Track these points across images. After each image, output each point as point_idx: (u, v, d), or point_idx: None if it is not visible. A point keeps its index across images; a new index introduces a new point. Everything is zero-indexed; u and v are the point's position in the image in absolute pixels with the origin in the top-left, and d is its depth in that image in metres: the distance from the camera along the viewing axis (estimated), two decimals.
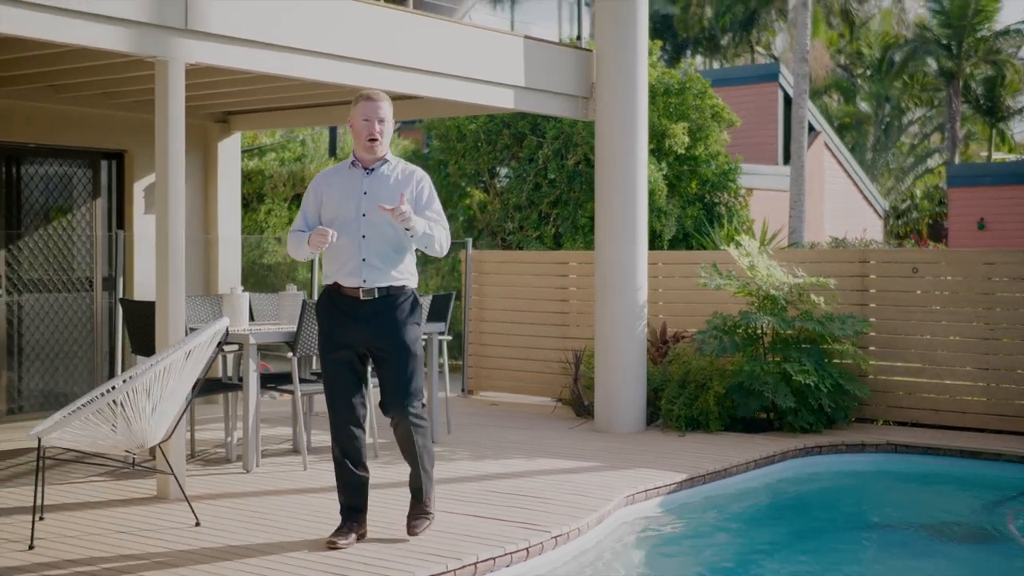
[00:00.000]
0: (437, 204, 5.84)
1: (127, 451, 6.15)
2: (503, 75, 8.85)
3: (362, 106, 5.73)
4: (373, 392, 6.59)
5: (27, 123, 9.89)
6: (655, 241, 13.03)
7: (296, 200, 16.76)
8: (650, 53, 13.93)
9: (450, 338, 9.88)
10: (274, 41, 7.34)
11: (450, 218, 14.85)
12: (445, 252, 5.81)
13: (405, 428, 5.81)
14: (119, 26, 6.57)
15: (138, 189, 10.65)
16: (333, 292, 5.77)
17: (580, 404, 10.08)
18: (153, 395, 5.85)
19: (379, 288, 5.68)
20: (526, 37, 9.04)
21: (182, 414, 6.29)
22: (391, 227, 5.62)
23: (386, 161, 5.79)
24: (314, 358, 8.39)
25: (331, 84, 8.10)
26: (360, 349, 5.76)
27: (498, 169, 14.60)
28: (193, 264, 10.87)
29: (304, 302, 7.64)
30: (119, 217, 10.68)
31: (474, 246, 13.65)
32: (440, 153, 14.83)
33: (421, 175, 5.84)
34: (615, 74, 9.23)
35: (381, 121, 5.71)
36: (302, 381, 7.97)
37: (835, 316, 9.20)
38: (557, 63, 9.30)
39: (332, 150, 17.08)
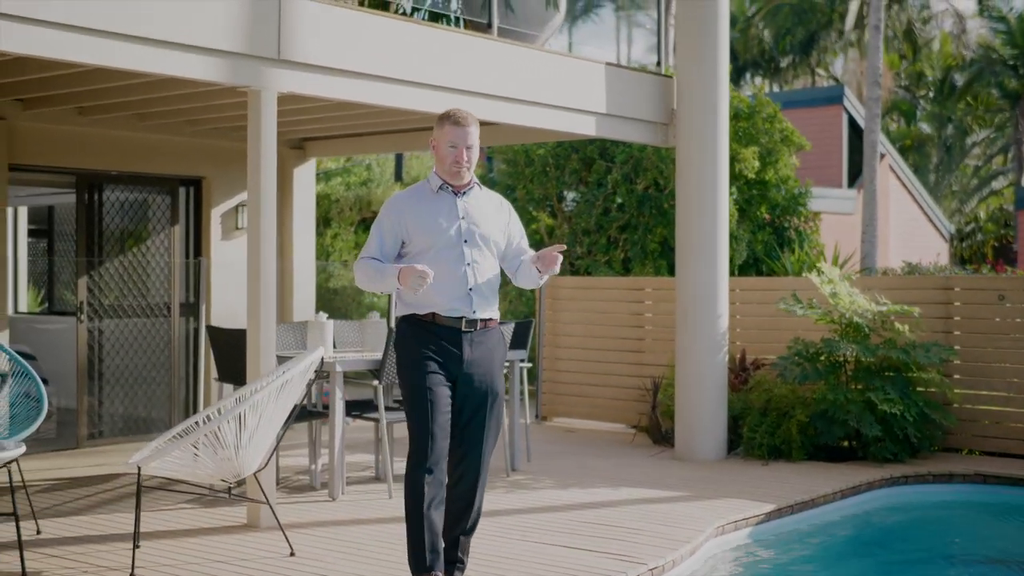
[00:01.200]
0: (524, 237, 5.53)
1: (223, 480, 6.16)
2: (585, 102, 8.84)
3: (449, 131, 5.25)
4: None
5: (109, 151, 10.01)
6: None
7: (363, 224, 16.82)
8: None
9: (530, 365, 9.84)
10: (363, 70, 7.37)
11: None
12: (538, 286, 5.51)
13: (474, 477, 5.24)
14: (214, 57, 6.63)
15: (215, 215, 10.74)
16: (426, 322, 5.19)
17: (658, 431, 10.01)
18: (250, 424, 5.86)
19: (481, 319, 5.23)
20: (607, 64, 9.02)
21: (277, 443, 6.30)
22: (492, 254, 5.29)
23: (474, 185, 5.39)
24: (394, 386, 8.39)
25: (415, 112, 8.12)
26: (454, 378, 5.19)
27: (565, 193, 14.58)
28: None
29: (390, 330, 7.64)
30: (196, 243, 10.76)
31: None
32: (507, 177, 14.84)
33: (508, 206, 5.51)
34: (696, 101, 9.19)
35: (469, 148, 5.26)
36: (386, 409, 7.96)
37: (919, 344, 9.07)
38: (637, 90, 9.28)
39: (398, 174, 17.15)
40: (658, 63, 9.73)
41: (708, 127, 9.19)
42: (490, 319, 5.28)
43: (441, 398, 5.14)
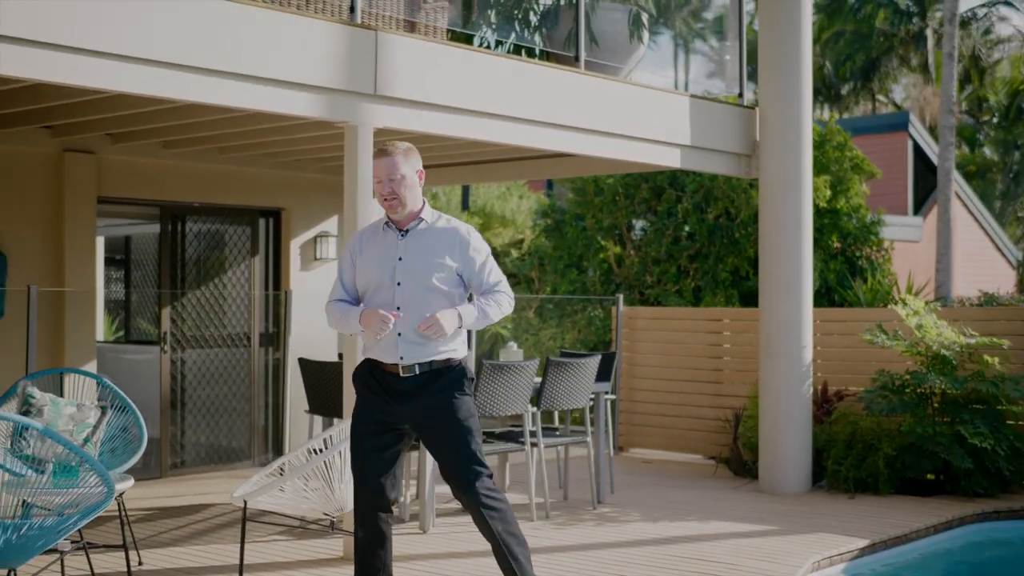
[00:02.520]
0: (492, 264, 5.14)
1: (324, 513, 6.19)
2: (670, 134, 8.85)
3: (375, 164, 5.05)
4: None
5: (192, 183, 10.13)
6: None
7: None
8: None
9: (614, 397, 9.82)
10: (454, 104, 7.43)
11: (584, 272, 14.85)
12: (507, 314, 5.15)
13: (477, 512, 5.07)
14: (314, 93, 6.71)
15: (295, 246, 10.83)
16: (373, 367, 5.12)
17: (739, 463, 9.95)
18: None
19: (420, 364, 5.01)
20: (692, 96, 9.02)
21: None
22: (432, 295, 4.99)
23: (421, 219, 5.09)
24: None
25: (501, 144, 8.16)
26: (402, 426, 5.11)
27: (634, 222, 14.58)
28: None
29: (482, 363, 7.66)
30: (275, 274, 10.86)
31: (612, 300, 13.60)
32: (576, 206, 14.87)
33: (467, 231, 5.13)
34: (779, 132, 9.17)
35: (396, 179, 4.99)
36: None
37: (1008, 376, 8.96)
38: (721, 121, 9.28)
39: (464, 203, 17.21)
40: (740, 94, 9.72)
41: (791, 158, 9.16)
42: (432, 362, 5.02)
43: (372, 449, 5.07)
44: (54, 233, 9.24)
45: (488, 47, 8.85)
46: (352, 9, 6.97)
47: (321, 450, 5.94)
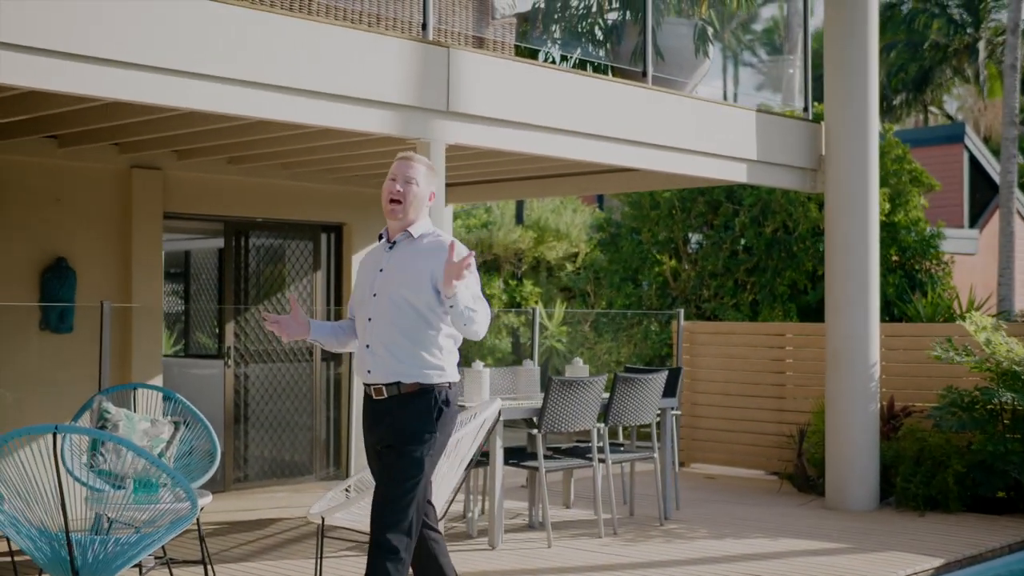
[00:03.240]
0: (476, 284, 4.79)
1: None
2: (736, 149, 8.81)
3: (393, 166, 4.91)
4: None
5: (255, 198, 10.20)
6: None
7: (483, 267, 16.90)
8: None
9: (679, 412, 9.78)
10: (522, 119, 7.43)
11: (639, 286, 14.80)
12: (480, 337, 4.74)
13: (370, 557, 4.63)
14: (388, 110, 6.74)
15: (355, 261, 10.86)
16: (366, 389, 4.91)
17: (804, 479, 9.88)
18: (438, 475, 5.88)
19: (387, 385, 4.70)
20: (758, 110, 8.99)
21: (454, 496, 6.32)
22: (400, 309, 4.67)
23: (408, 234, 4.83)
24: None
25: (573, 160, 8.16)
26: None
27: (690, 236, 14.53)
28: None
29: (551, 379, 7.66)
30: (337, 289, 10.91)
31: (672, 315, 13.55)
32: (632, 220, 14.83)
33: (450, 243, 4.71)
34: (846, 145, 9.11)
35: (408, 181, 4.81)
36: (545, 457, 7.96)
37: None
38: (786, 135, 9.23)
39: (519, 217, 17.22)
40: (804, 108, 9.67)
41: (857, 172, 9.10)
42: (399, 383, 4.68)
43: (373, 469, 4.89)
44: (121, 248, 9.32)
45: (553, 62, 8.86)
46: (424, 26, 7.00)
47: None
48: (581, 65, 8.92)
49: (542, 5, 8.90)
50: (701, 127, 8.59)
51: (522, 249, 16.66)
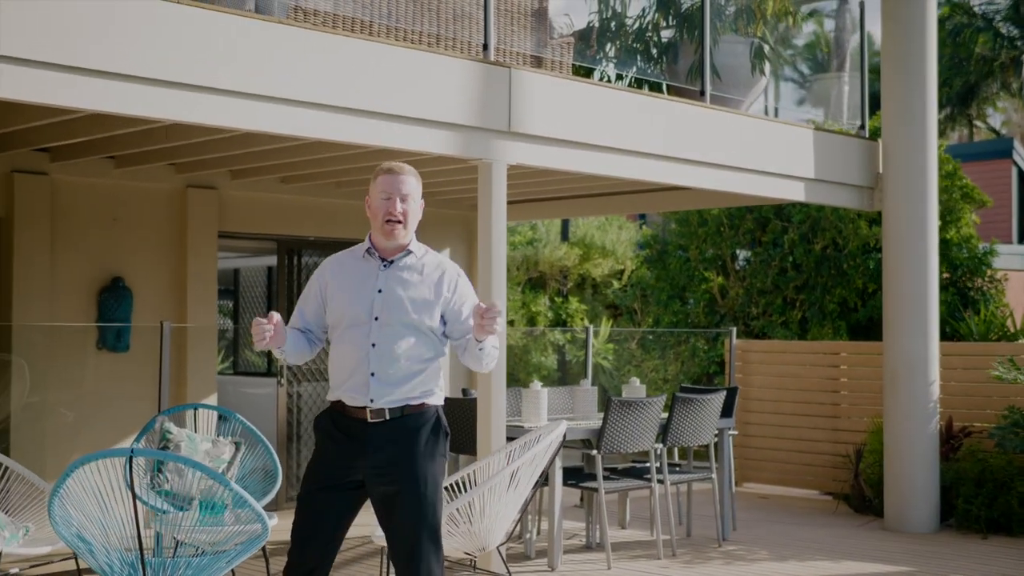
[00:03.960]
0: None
1: (465, 552, 6.16)
2: (793, 167, 8.76)
3: (382, 180, 4.60)
4: None
5: (307, 217, 10.23)
6: None
7: (529, 284, 16.88)
8: None
9: (736, 432, 9.68)
10: (587, 140, 7.41)
11: (686, 303, 14.72)
12: (490, 369, 4.65)
13: None
14: (448, 130, 6.73)
15: None
16: (336, 412, 4.56)
17: (861, 500, 9.77)
18: (500, 498, 5.86)
19: (391, 409, 4.46)
20: (816, 128, 8.93)
21: (520, 516, 6.29)
22: (411, 333, 4.48)
23: (409, 251, 4.60)
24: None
25: (630, 180, 8.13)
26: (360, 487, 4.51)
27: (737, 252, 14.45)
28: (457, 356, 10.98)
29: (610, 399, 7.62)
30: None
31: (724, 332, 13.47)
32: (680, 237, 14.77)
33: (456, 272, 4.64)
34: (904, 163, 9.04)
35: (404, 199, 4.55)
36: (604, 478, 7.92)
37: None
38: (843, 154, 9.17)
39: (564, 234, 17.20)
40: (862, 126, 9.60)
41: (916, 190, 9.02)
42: (404, 407, 4.47)
43: (324, 512, 4.49)
44: (176, 267, 9.37)
45: (608, 80, 8.84)
46: (486, 47, 6.99)
47: (463, 487, 5.92)
48: (636, 83, 8.90)
49: (596, 24, 8.88)
50: (759, 145, 8.54)
51: (567, 266, 16.63)
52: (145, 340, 9.06)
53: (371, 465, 4.44)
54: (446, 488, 6.18)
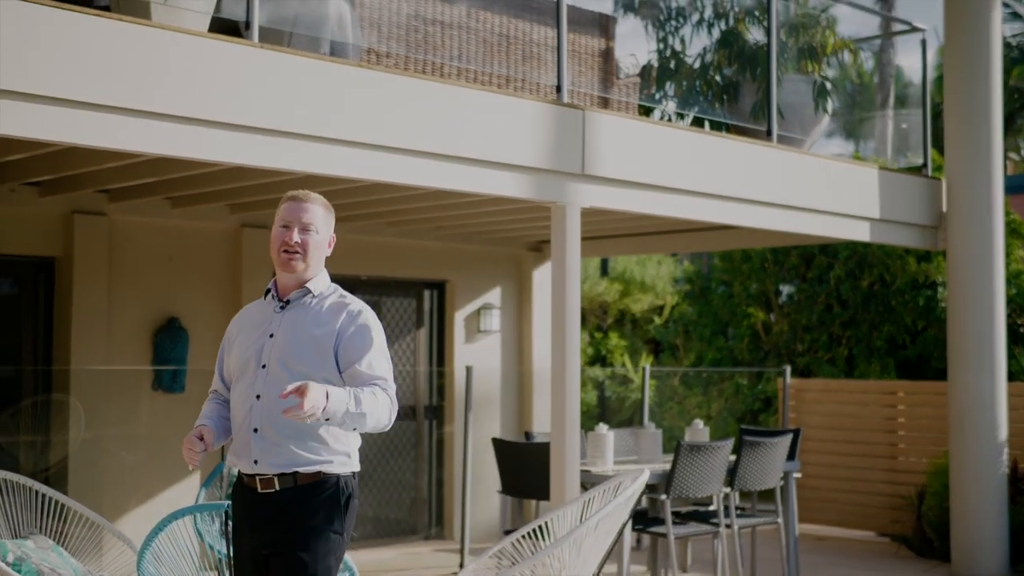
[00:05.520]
0: (377, 358, 3.91)
1: None
2: (858, 207, 8.68)
3: (283, 208, 4.01)
4: None
5: (361, 256, 10.17)
6: None
7: None
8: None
9: (799, 475, 9.57)
10: (659, 182, 7.35)
11: (730, 339, 14.61)
12: (386, 428, 3.87)
13: None
14: (521, 173, 6.68)
15: (459, 318, 10.79)
16: (240, 482, 3.99)
17: (924, 543, 9.62)
18: (584, 549, 5.75)
19: (279, 476, 3.82)
20: (881, 168, 8.85)
21: (599, 570, 6.17)
22: (297, 380, 3.76)
23: (307, 290, 3.98)
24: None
25: (704, 222, 8.06)
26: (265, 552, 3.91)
27: (781, 288, 14.34)
28: (508, 397, 10.91)
29: (679, 443, 7.51)
30: (440, 346, 10.82)
31: (778, 371, 13.34)
32: (724, 273, 14.68)
33: (358, 311, 3.97)
34: (969, 203, 8.95)
35: (305, 228, 3.96)
36: (673, 523, 7.80)
37: None
38: (907, 192, 9.09)
39: (604, 269, 17.13)
40: (923, 165, 9.51)
41: (982, 229, 8.92)
42: (295, 474, 3.82)
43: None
44: (231, 307, 9.29)
45: (668, 120, 8.78)
46: (559, 88, 6.93)
47: (540, 535, 5.81)
48: (697, 122, 8.84)
49: (655, 63, 8.82)
50: (826, 185, 8.46)
51: (607, 302, 16.55)
52: (201, 381, 8.99)
53: (260, 543, 3.89)
54: (522, 537, 6.09)
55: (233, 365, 4.00)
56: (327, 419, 3.64)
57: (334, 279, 4.19)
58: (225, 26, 5.88)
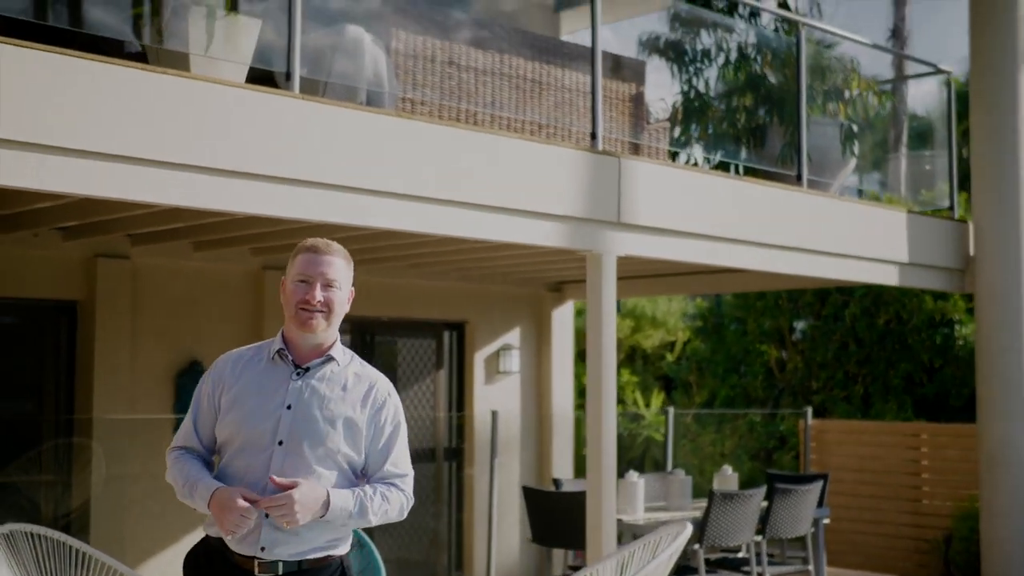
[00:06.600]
0: (402, 454, 3.61)
1: None
2: (887, 251, 8.63)
3: (301, 260, 3.59)
4: None
5: (382, 298, 10.10)
6: None
7: (580, 357, 16.71)
8: None
9: (828, 521, 9.48)
10: (692, 229, 7.30)
11: (743, 376, 14.54)
12: (398, 519, 3.61)
13: None
14: (557, 222, 6.62)
15: (479, 359, 10.72)
16: (214, 551, 3.52)
17: None
18: None
19: (286, 562, 3.43)
20: (909, 212, 8.82)
21: None
22: (325, 467, 3.46)
23: (330, 357, 3.61)
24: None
25: (736, 269, 8.01)
26: None
27: (795, 325, 14.30)
28: (528, 439, 10.83)
29: (712, 492, 7.43)
30: (459, 387, 10.75)
31: (776, 408, 13.29)
32: (736, 310, 14.62)
33: (386, 391, 3.62)
34: (997, 246, 8.91)
35: (328, 285, 3.58)
36: (707, 572, 7.72)
37: None
38: (934, 236, 9.05)
39: (619, 305, 17.05)
40: (950, 207, 9.48)
41: (1010, 272, 8.88)
42: (301, 562, 3.45)
43: None
44: None
45: (695, 164, 8.75)
46: (594, 135, 6.88)
47: None
48: (722, 166, 8.81)
49: (680, 106, 8.79)
50: (854, 230, 8.42)
51: (619, 338, 16.49)
52: None
53: None
54: None
55: (231, 432, 3.50)
56: (322, 517, 3.39)
57: (354, 320, 4.07)
58: (257, 76, 5.83)
